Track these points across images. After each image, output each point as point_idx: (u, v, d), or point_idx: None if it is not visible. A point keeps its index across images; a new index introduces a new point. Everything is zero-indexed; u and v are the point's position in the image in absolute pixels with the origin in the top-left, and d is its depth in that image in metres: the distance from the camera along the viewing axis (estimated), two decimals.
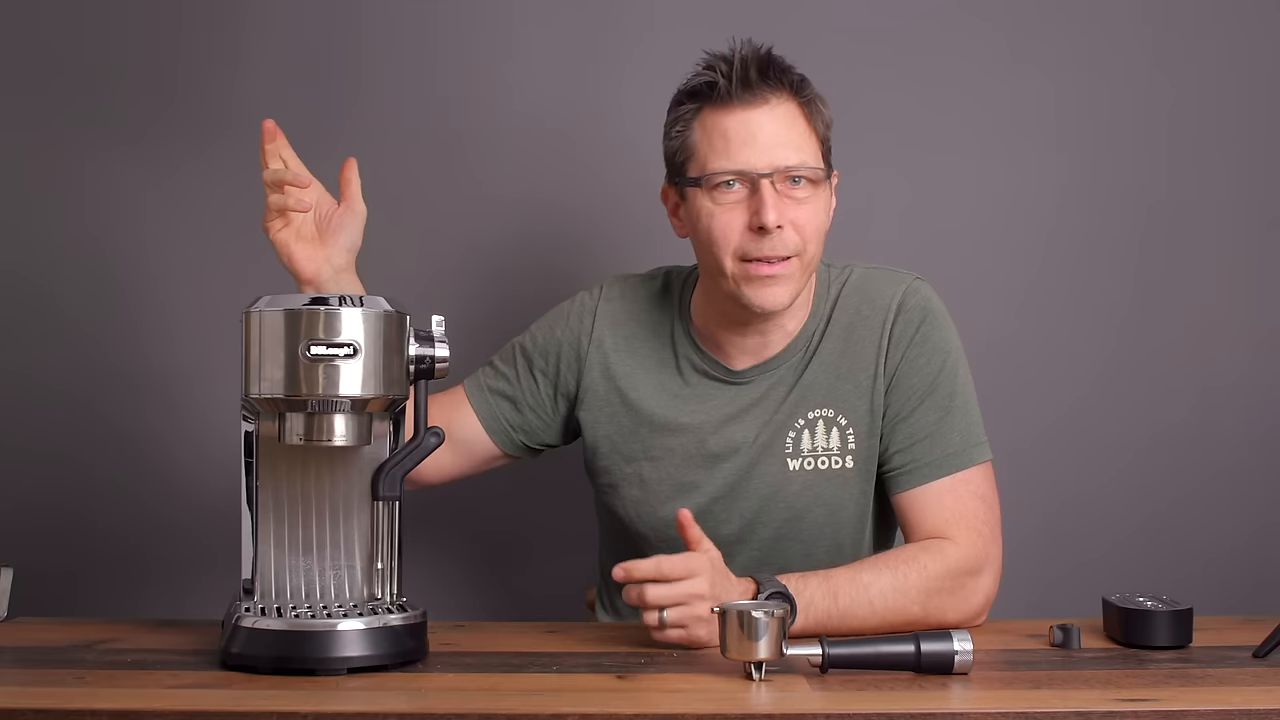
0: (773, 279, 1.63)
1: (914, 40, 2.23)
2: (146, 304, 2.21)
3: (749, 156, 1.61)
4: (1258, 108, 2.25)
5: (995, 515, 1.67)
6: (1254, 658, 1.41)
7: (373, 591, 1.47)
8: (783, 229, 1.61)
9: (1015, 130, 2.25)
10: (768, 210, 1.59)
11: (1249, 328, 2.25)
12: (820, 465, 1.70)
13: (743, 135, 1.61)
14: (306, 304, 1.36)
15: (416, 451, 1.42)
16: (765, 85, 1.61)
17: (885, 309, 1.71)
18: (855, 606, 1.53)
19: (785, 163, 1.61)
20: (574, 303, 1.81)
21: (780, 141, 1.61)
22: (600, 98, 2.23)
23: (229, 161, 2.21)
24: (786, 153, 1.61)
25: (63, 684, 1.29)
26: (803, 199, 1.62)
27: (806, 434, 1.70)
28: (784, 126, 1.62)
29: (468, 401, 1.79)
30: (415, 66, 2.23)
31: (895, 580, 1.56)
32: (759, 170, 1.60)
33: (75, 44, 2.23)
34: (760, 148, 1.61)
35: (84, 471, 2.22)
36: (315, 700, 1.22)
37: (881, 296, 1.72)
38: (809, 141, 1.64)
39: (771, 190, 1.60)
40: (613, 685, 1.30)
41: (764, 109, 1.62)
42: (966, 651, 1.32)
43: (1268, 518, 2.25)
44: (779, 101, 1.62)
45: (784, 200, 1.61)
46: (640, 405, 1.74)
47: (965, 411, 1.69)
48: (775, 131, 1.62)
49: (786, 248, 1.62)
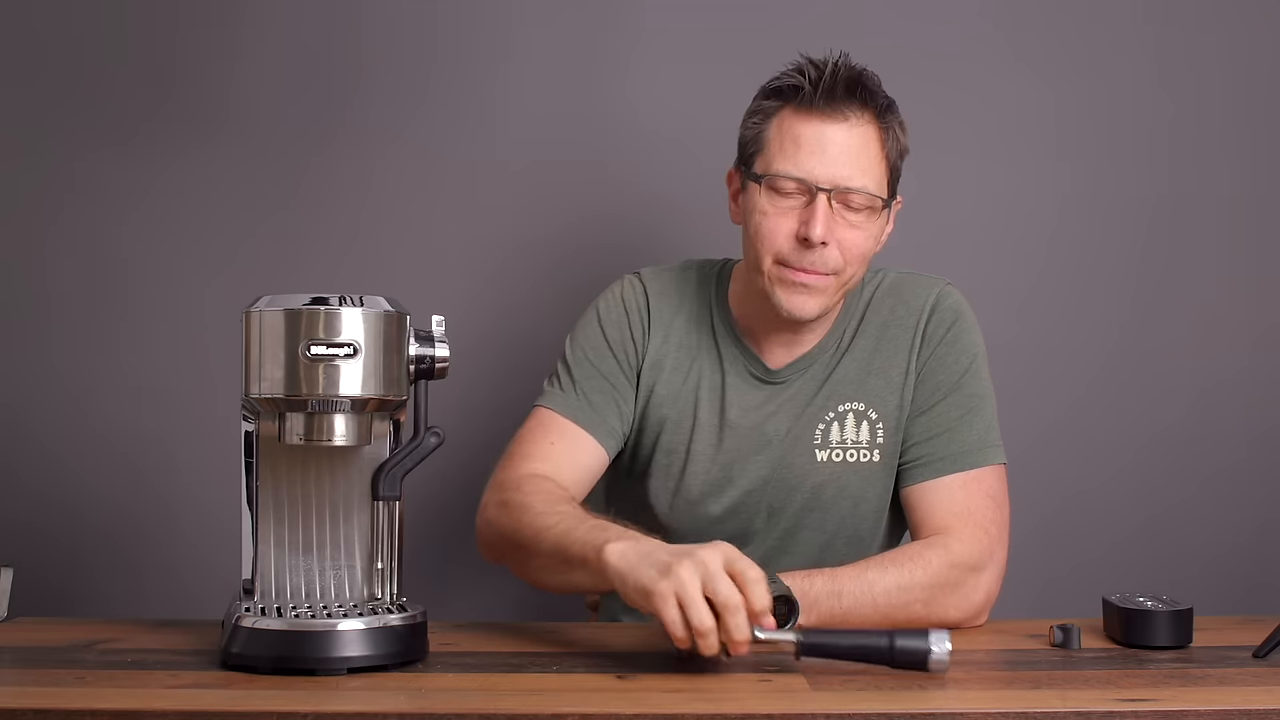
0: (806, 288, 1.65)
1: (915, 40, 2.24)
2: (147, 304, 2.21)
3: (813, 167, 1.62)
4: (1256, 109, 2.25)
5: (1004, 516, 1.67)
6: (1254, 658, 1.41)
7: (373, 591, 1.47)
8: (827, 246, 1.63)
9: (1017, 132, 2.25)
10: (816, 223, 1.61)
11: (1247, 327, 2.26)
12: (849, 458, 1.72)
13: (813, 145, 1.62)
14: (307, 304, 1.36)
15: (416, 451, 1.42)
16: (850, 102, 1.62)
17: (920, 310, 1.74)
18: (859, 605, 1.53)
19: (848, 183, 1.62)
20: (617, 297, 1.80)
21: (848, 160, 1.62)
22: (601, 98, 2.23)
23: (228, 159, 2.21)
24: (851, 173, 1.62)
25: (63, 684, 1.29)
26: (856, 222, 1.64)
27: (836, 426, 1.73)
28: (857, 147, 1.63)
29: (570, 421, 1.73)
30: (414, 64, 2.23)
31: (900, 577, 1.56)
32: (820, 183, 1.62)
33: (69, 41, 2.23)
34: (828, 161, 1.62)
35: (83, 472, 2.22)
36: (315, 700, 1.22)
37: (916, 298, 1.75)
38: (877, 167, 1.65)
39: (826, 205, 1.62)
40: (613, 685, 1.30)
41: (842, 125, 1.62)
42: (944, 652, 1.31)
43: (1267, 517, 2.26)
44: (859, 121, 1.63)
45: (837, 219, 1.63)
46: (681, 399, 1.76)
47: (985, 413, 1.71)
48: (846, 149, 1.62)
49: (826, 265, 1.64)
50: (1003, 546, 1.65)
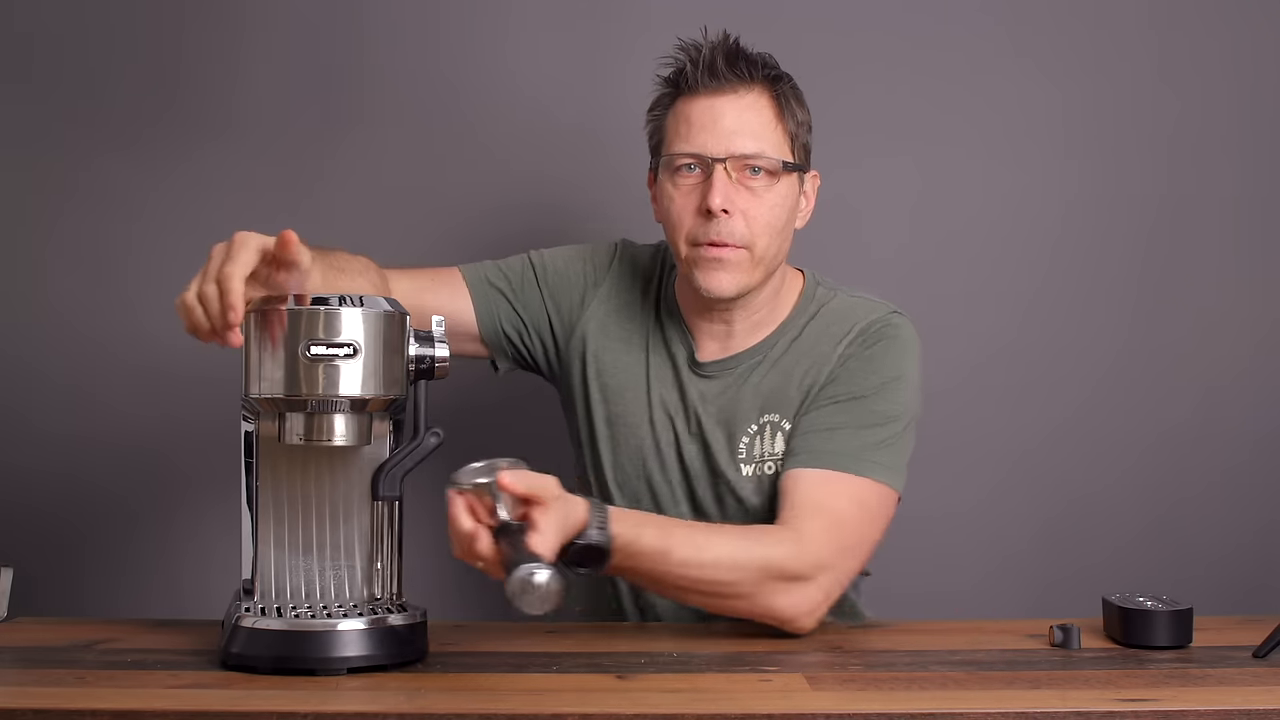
0: (719, 263, 1.63)
1: (917, 42, 2.23)
2: (147, 304, 2.21)
3: (705, 140, 1.62)
4: (1262, 109, 2.25)
5: (865, 533, 1.58)
6: (1254, 658, 1.41)
7: (373, 591, 1.47)
8: (730, 215, 1.62)
9: (1023, 133, 2.25)
10: (715, 193, 1.60)
11: (1252, 328, 2.25)
12: (767, 470, 1.69)
13: (704, 120, 1.63)
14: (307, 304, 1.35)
15: (416, 451, 1.42)
16: (733, 74, 1.63)
17: (850, 328, 1.70)
18: (685, 568, 1.46)
19: (742, 150, 1.62)
20: (594, 251, 1.83)
21: (740, 130, 1.62)
22: (603, 98, 2.23)
23: (231, 162, 2.21)
24: (744, 140, 1.62)
25: (63, 684, 1.29)
26: (758, 189, 1.63)
27: (758, 440, 1.69)
28: (748, 115, 1.63)
29: (462, 279, 1.78)
30: (417, 68, 2.23)
31: (735, 552, 1.48)
32: (714, 154, 1.62)
33: (73, 44, 2.22)
34: (719, 133, 1.62)
35: (84, 472, 2.22)
36: (315, 700, 1.22)
37: (853, 318, 1.71)
38: (773, 133, 1.64)
39: (724, 176, 1.61)
40: (613, 685, 1.30)
41: (730, 97, 1.63)
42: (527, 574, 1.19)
43: (1269, 518, 2.25)
44: (746, 91, 1.63)
45: (738, 189, 1.62)
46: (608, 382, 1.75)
47: (883, 432, 1.62)
48: (737, 119, 1.63)
49: (733, 235, 1.62)
50: (854, 558, 1.56)
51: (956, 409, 2.19)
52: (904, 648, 1.50)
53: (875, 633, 1.61)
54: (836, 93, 1.69)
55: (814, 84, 1.73)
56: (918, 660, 1.41)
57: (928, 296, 2.20)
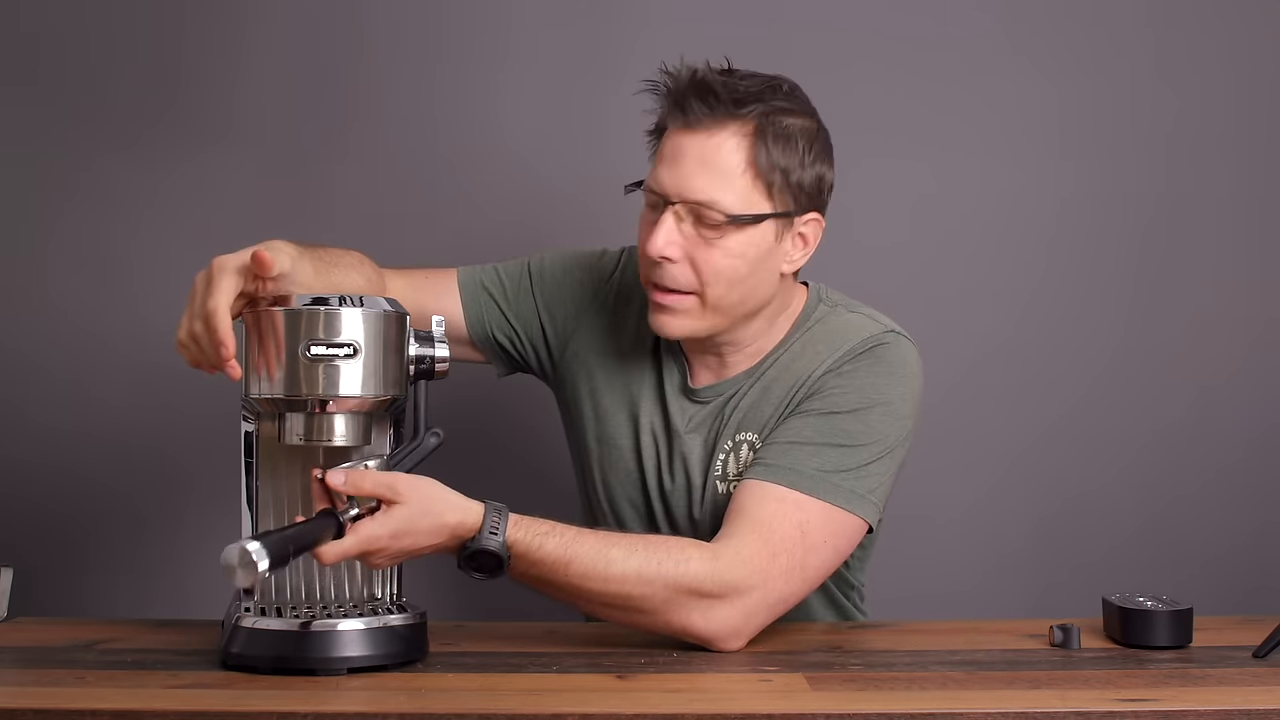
0: (667, 309, 1.56)
1: (914, 41, 2.24)
2: (147, 304, 2.21)
3: (663, 177, 1.53)
4: (1259, 108, 2.25)
5: (805, 560, 1.46)
6: (1254, 658, 1.41)
7: (373, 591, 1.47)
8: (674, 262, 1.52)
9: (1020, 131, 2.25)
10: (656, 236, 1.52)
11: (1247, 326, 2.26)
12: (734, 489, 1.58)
13: (671, 156, 1.53)
14: (307, 304, 1.36)
15: (416, 451, 1.42)
16: (704, 111, 1.50)
17: (840, 345, 1.60)
18: (589, 579, 1.40)
19: (693, 195, 1.51)
20: (598, 260, 1.77)
21: (698, 172, 1.50)
22: (603, 97, 2.23)
23: (232, 164, 2.21)
24: (700, 185, 1.50)
25: (63, 684, 1.29)
26: (710, 239, 1.52)
27: (732, 457, 1.63)
28: (713, 159, 1.50)
29: (456, 282, 1.74)
30: (418, 71, 2.23)
31: (644, 565, 1.40)
32: (668, 195, 1.52)
33: (75, 45, 2.22)
34: (677, 174, 1.51)
35: (84, 471, 2.22)
36: (315, 700, 1.22)
37: (844, 336, 1.61)
38: (738, 180, 1.51)
39: (672, 220, 1.52)
40: (613, 685, 1.30)
41: (700, 136, 1.51)
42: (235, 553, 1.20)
43: (1267, 517, 2.26)
44: (719, 130, 1.51)
45: (691, 236, 1.52)
46: (601, 400, 1.72)
47: (851, 457, 1.51)
48: (699, 161, 1.51)
49: (676, 282, 1.53)
50: (788, 583, 1.45)
51: (953, 408, 2.20)
52: (904, 648, 1.50)
53: (875, 633, 1.61)
54: (833, 92, 1.68)
55: (811, 83, 1.72)
56: (918, 660, 1.41)
57: (924, 296, 2.21)
